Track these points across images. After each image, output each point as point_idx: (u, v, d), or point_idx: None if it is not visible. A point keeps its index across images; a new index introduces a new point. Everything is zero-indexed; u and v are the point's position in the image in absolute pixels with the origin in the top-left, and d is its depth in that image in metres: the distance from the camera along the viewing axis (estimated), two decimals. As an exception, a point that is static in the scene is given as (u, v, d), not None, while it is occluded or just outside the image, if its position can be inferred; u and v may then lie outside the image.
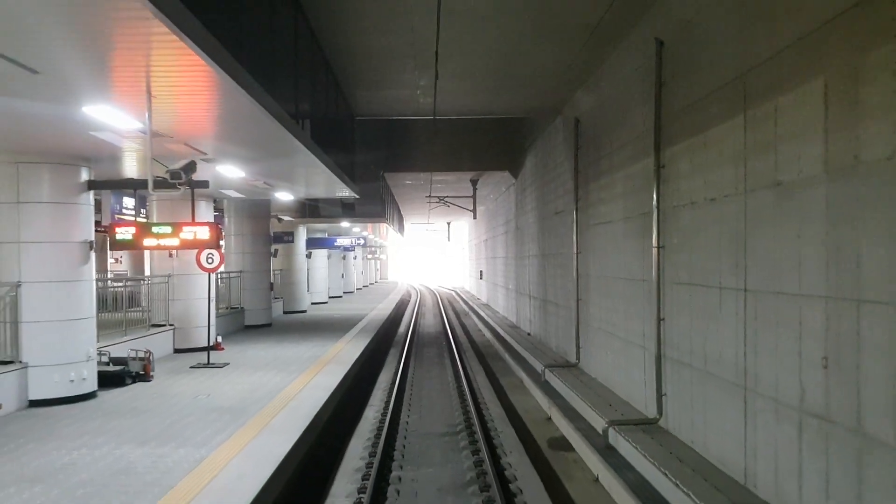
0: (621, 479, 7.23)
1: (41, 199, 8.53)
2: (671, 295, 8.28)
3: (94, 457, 6.46)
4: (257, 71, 6.38)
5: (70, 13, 4.07)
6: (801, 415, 5.46)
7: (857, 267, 4.73)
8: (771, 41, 5.87)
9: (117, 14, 4.08)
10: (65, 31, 4.33)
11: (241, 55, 5.84)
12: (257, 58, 6.66)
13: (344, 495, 6.66)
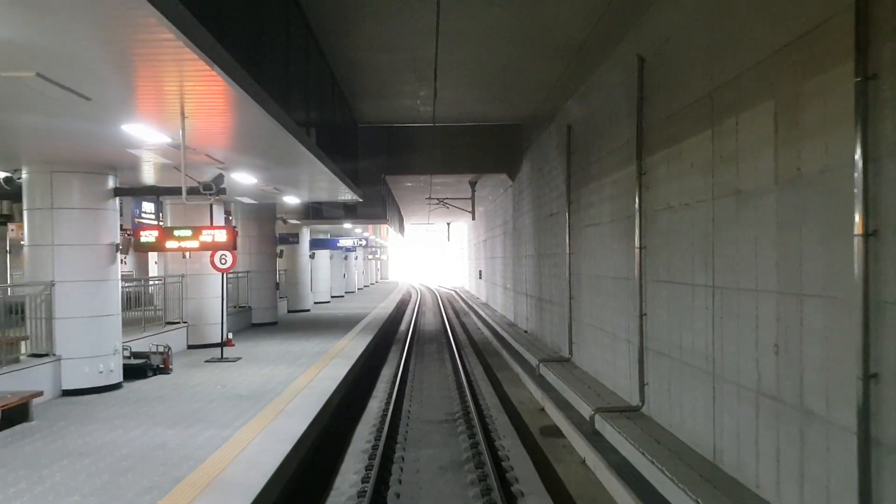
0: (605, 461, 7.95)
1: (72, 206, 9.28)
2: (652, 292, 9.01)
3: (130, 436, 7.21)
4: (273, 87, 7.11)
5: (121, 49, 4.79)
6: (758, 396, 6.19)
7: (800, 265, 5.46)
8: (733, 64, 6.61)
9: (160, 48, 4.80)
10: (116, 64, 5.06)
11: (261, 75, 6.58)
12: (273, 75, 7.39)
13: (353, 472, 7.41)
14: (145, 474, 5.91)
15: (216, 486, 5.54)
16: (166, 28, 4.04)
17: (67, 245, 9.24)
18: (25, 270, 9.56)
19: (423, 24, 8.50)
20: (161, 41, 4.55)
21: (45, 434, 7.34)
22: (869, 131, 4.53)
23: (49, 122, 6.54)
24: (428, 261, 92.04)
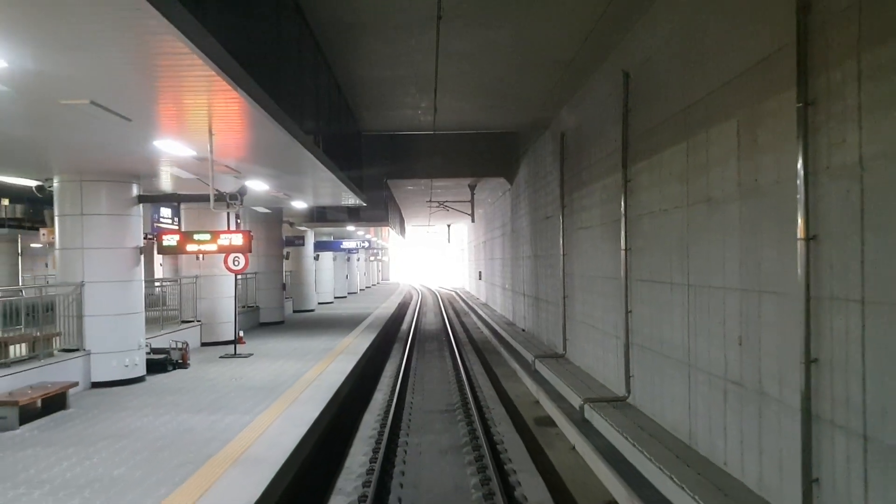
0: (592, 445, 8.67)
1: (100, 212, 10.02)
2: (636, 290, 9.74)
3: (160, 422, 7.95)
4: (288, 104, 7.84)
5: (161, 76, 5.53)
6: (726, 383, 6.92)
7: (759, 265, 6.20)
8: (703, 85, 7.34)
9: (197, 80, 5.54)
10: (155, 90, 5.80)
11: (279, 95, 7.31)
12: (288, 92, 8.11)
13: (361, 454, 8.14)
14: (179, 451, 6.65)
15: (243, 461, 6.28)
16: (211, 68, 4.77)
17: (96, 248, 9.98)
18: (57, 272, 10.30)
19: (424, 44, 9.23)
20: (202, 77, 5.28)
21: (82, 420, 8.08)
22: (809, 149, 5.27)
23: (89, 139, 7.29)
24: (429, 262, 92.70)
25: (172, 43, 4.43)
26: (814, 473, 5.29)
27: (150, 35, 4.29)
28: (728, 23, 6.79)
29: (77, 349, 9.84)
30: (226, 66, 5.27)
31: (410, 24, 8.63)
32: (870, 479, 4.66)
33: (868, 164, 4.65)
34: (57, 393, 8.30)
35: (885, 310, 4.48)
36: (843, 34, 4.88)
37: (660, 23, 8.70)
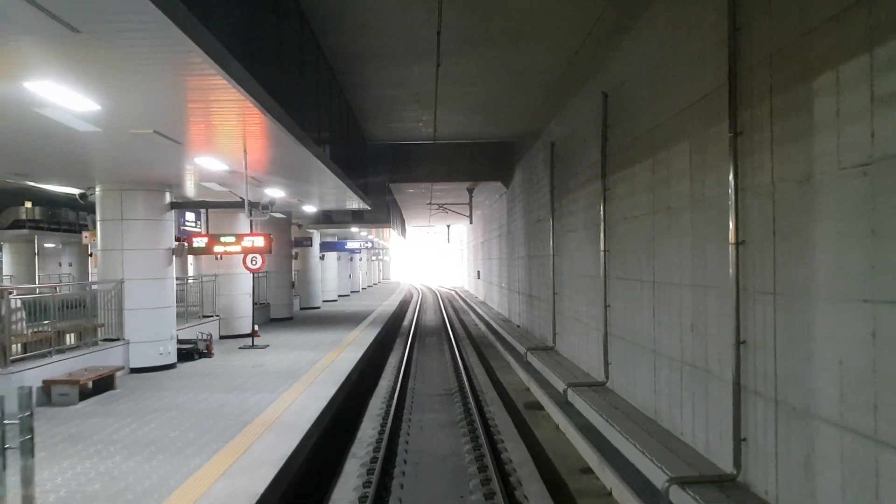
0: (572, 423, 9.90)
1: (137, 217, 11.27)
2: (613, 287, 10.99)
3: (198, 399, 9.21)
4: (306, 122, 9.06)
5: (211, 111, 6.77)
6: (682, 365, 8.16)
7: (705, 265, 7.44)
8: (665, 110, 8.58)
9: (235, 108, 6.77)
10: (205, 121, 7.05)
11: (302, 117, 8.55)
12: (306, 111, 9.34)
13: (371, 428, 9.40)
14: (220, 420, 7.91)
15: (275, 426, 7.53)
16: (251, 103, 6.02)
17: (134, 250, 11.23)
18: (98, 271, 11.55)
19: (425, 70, 10.47)
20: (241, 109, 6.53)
21: (130, 398, 9.34)
22: (738, 171, 6.51)
23: (145, 157, 8.52)
24: (429, 261, 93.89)
25: (227, 88, 5.67)
26: (742, 434, 6.54)
27: (209, 82, 5.51)
28: (682, 61, 8.04)
29: (118, 339, 11.08)
30: (263, 101, 6.51)
31: (412, 54, 9.87)
32: (779, 432, 5.91)
33: (777, 184, 5.90)
34: (107, 375, 9.55)
35: (788, 300, 5.73)
36: (760, 81, 6.14)
37: (631, 54, 9.94)
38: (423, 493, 6.93)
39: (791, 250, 5.71)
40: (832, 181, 5.10)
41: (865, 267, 4.71)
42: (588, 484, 7.99)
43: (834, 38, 5.06)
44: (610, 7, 8.35)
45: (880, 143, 4.57)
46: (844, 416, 4.96)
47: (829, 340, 5.17)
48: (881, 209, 4.56)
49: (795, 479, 5.64)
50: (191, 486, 5.58)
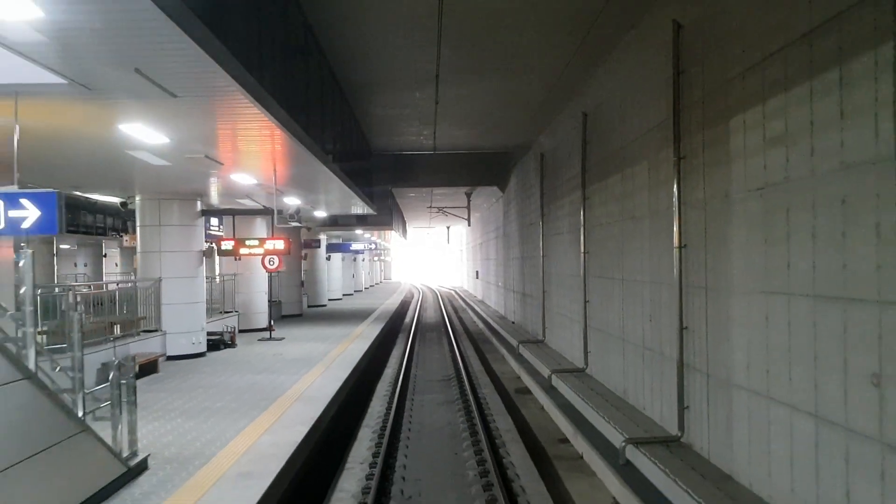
0: (554, 402, 11.39)
1: (173, 223, 12.79)
2: (592, 285, 12.48)
3: (232, 379, 10.74)
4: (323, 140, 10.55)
5: (250, 139, 8.27)
6: (643, 350, 9.66)
7: (659, 264, 8.94)
8: (630, 132, 10.08)
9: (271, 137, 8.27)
10: (245, 144, 8.55)
11: (324, 139, 10.05)
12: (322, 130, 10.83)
13: (379, 405, 10.91)
14: (255, 394, 9.43)
15: (302, 398, 9.04)
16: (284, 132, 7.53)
17: (170, 251, 12.76)
18: (138, 270, 13.07)
19: (426, 93, 11.98)
20: (273, 137, 8.04)
21: (173, 379, 10.86)
22: (681, 188, 8.01)
23: (181, 173, 10.05)
24: (429, 262, 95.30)
25: (269, 123, 7.17)
26: (686, 403, 8.04)
27: (254, 119, 7.00)
28: (642, 93, 9.55)
29: (156, 330, 12.59)
30: (294, 131, 8.02)
31: (414, 83, 11.37)
32: (710, 399, 7.41)
33: (707, 200, 7.40)
34: (152, 360, 11.07)
35: (715, 293, 7.23)
36: (695, 117, 7.64)
37: (606, 82, 11.45)
38: (424, 450, 8.43)
39: (716, 253, 7.22)
40: (741, 200, 6.61)
41: (761, 267, 6.22)
42: (563, 450, 9.48)
43: (742, 90, 6.57)
44: (583, 45, 9.85)
45: (770, 172, 6.08)
46: (750, 382, 6.47)
47: (740, 324, 6.68)
48: (770, 223, 6.08)
49: (720, 435, 7.15)
50: (243, 438, 7.09)
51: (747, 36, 6.47)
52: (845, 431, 5.01)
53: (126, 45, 4.34)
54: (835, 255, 5.13)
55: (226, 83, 5.15)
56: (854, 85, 4.90)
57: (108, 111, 6.07)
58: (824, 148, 5.26)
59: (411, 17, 8.25)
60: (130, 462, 5.78)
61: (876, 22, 4.65)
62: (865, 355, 4.79)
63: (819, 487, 5.35)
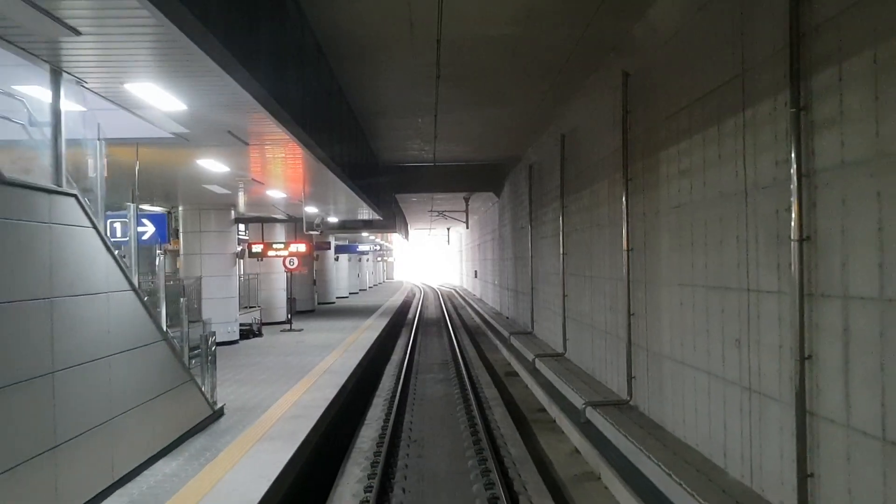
0: (536, 381, 13.52)
1: (211, 230, 14.96)
2: (569, 281, 14.63)
3: (267, 360, 12.90)
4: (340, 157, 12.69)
5: (285, 164, 10.41)
6: (605, 334, 11.80)
7: (615, 264, 11.08)
8: (596, 155, 12.21)
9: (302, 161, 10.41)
10: (280, 168, 10.70)
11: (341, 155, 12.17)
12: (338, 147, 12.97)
13: (388, 383, 13.08)
14: (289, 369, 11.61)
15: (328, 372, 11.19)
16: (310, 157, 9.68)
17: (209, 254, 14.94)
18: (181, 270, 15.26)
19: (427, 119, 14.14)
20: (302, 161, 10.19)
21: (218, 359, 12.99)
22: (629, 204, 10.15)
23: (225, 189, 12.22)
24: (430, 262, 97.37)
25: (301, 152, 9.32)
26: (633, 373, 10.16)
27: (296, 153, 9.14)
28: (602, 123, 11.70)
29: (198, 320, 14.75)
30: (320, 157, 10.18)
31: (416, 111, 13.53)
32: (649, 369, 9.55)
33: (646, 214, 9.54)
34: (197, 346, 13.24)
35: (651, 286, 9.37)
36: (638, 148, 9.78)
37: (578, 110, 13.58)
38: (426, 412, 10.59)
39: (651, 255, 9.37)
40: (665, 215, 8.75)
41: (676, 265, 8.36)
42: (540, 416, 11.62)
43: (665, 132, 8.71)
44: (555, 84, 12.00)
45: (681, 196, 8.22)
46: (672, 352, 8.61)
47: (666, 309, 8.82)
48: (681, 233, 8.21)
49: (654, 395, 9.29)
50: (288, 397, 9.24)
51: (669, 91, 8.61)
52: (723, 381, 7.15)
53: (231, 118, 6.46)
54: (716, 256, 7.28)
55: (285, 135, 7.26)
56: (726, 138, 7.04)
57: (193, 153, 8.21)
58: (710, 181, 7.41)
59: (415, 68, 10.40)
60: (214, 407, 7.91)
61: (743, 97, 6.78)
62: (733, 326, 6.93)
63: (710, 425, 7.50)
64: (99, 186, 5.57)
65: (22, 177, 4.45)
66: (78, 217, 4.98)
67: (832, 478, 5.29)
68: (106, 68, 4.96)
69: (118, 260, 5.47)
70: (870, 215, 4.81)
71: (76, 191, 4.99)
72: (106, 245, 5.33)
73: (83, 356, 5.07)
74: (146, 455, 6.19)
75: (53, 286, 4.66)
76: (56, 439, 4.67)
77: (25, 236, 4.40)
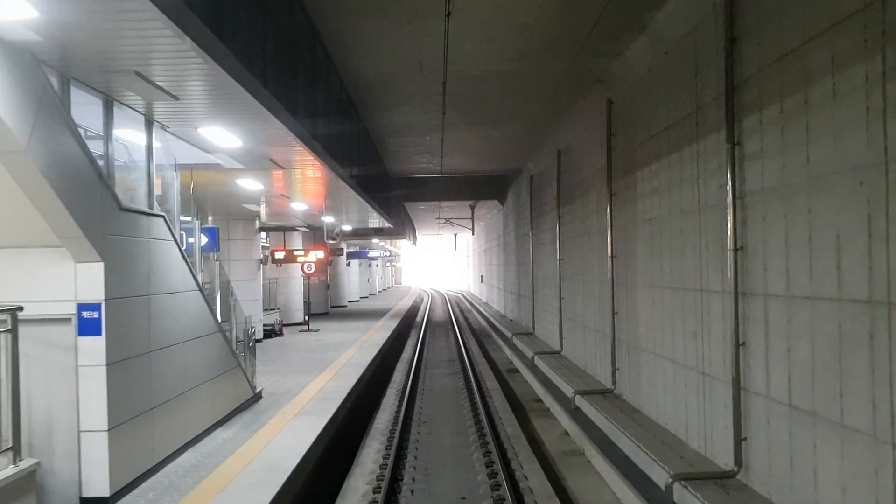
0: (535, 376, 14.90)
1: (238, 238, 16.42)
2: (564, 285, 16.00)
3: (291, 356, 14.32)
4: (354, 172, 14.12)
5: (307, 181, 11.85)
6: (595, 332, 13.16)
7: (602, 268, 12.44)
8: (585, 170, 13.61)
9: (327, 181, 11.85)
10: (308, 185, 12.15)
11: (361, 177, 13.62)
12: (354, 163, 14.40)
13: (400, 376, 14.47)
14: (313, 363, 13.01)
15: (347, 365, 12.60)
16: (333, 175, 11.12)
17: (236, 260, 16.40)
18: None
19: (435, 136, 15.58)
20: (333, 181, 11.64)
21: (246, 356, 14.49)
22: (612, 215, 11.51)
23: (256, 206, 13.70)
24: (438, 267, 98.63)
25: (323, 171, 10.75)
26: (616, 366, 11.53)
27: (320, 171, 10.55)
28: (591, 143, 13.09)
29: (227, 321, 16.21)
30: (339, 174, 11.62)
31: (425, 131, 14.97)
32: (629, 361, 10.90)
33: (626, 224, 10.92)
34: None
35: (630, 288, 10.74)
36: (620, 167, 11.16)
37: (571, 128, 14.97)
38: (434, 400, 11.97)
39: (630, 261, 10.74)
40: (641, 226, 10.13)
41: (649, 270, 9.74)
42: (536, 405, 12.98)
43: (641, 154, 10.09)
44: (549, 108, 13.41)
45: (652, 210, 9.60)
46: (647, 346, 9.97)
47: (641, 308, 10.18)
48: (653, 242, 9.59)
49: (633, 383, 10.64)
50: (314, 384, 10.65)
51: (644, 120, 9.99)
52: (683, 368, 8.51)
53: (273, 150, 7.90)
54: (678, 262, 8.65)
55: (315, 161, 8.70)
56: (685, 163, 8.42)
57: (236, 175, 9.67)
58: (674, 199, 8.79)
59: (425, 98, 11.84)
60: (255, 391, 9.33)
61: (697, 130, 8.15)
62: (690, 321, 8.29)
63: (675, 405, 8.85)
64: (175, 207, 7.01)
65: (129, 204, 5.88)
66: (165, 233, 6.41)
67: (758, 439, 6.64)
68: (187, 118, 6.39)
69: (189, 265, 6.89)
70: (780, 230, 6.19)
71: (163, 212, 6.42)
72: (182, 254, 6.76)
73: (169, 341, 6.49)
74: (208, 424, 7.60)
75: (150, 286, 6.08)
76: (153, 403, 6.08)
77: (135, 248, 5.84)
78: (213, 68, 4.89)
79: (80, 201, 4.95)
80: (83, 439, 5.31)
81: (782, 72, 6.13)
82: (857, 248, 5.05)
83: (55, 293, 5.19)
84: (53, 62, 4.86)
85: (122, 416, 5.54)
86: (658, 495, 7.14)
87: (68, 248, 5.10)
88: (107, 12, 3.95)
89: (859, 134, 5.01)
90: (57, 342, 5.23)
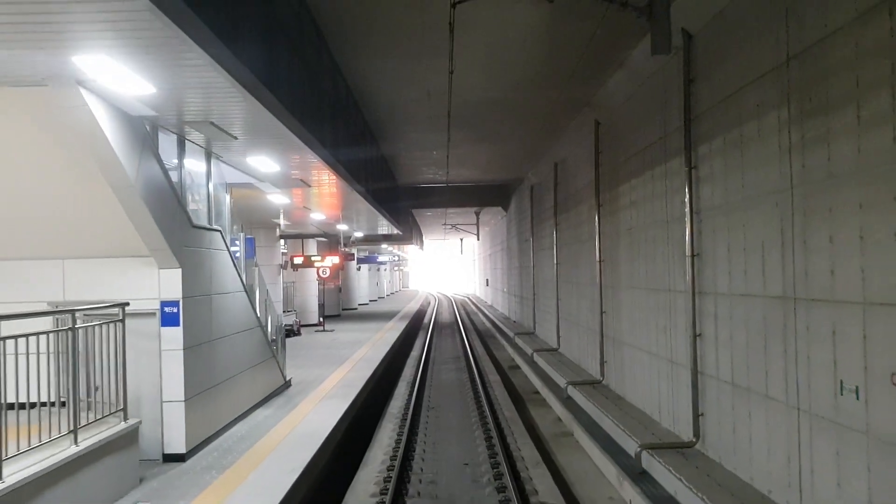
0: (533, 371, 16.25)
1: (260, 244, 17.83)
2: (561, 287, 17.36)
3: (310, 353, 15.72)
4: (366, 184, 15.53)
5: (331, 192, 13.28)
6: (587, 330, 14.51)
7: (592, 272, 13.82)
8: (580, 182, 14.99)
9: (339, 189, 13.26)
10: (325, 197, 13.57)
11: (374, 186, 15.04)
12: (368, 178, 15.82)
13: (410, 371, 15.86)
14: (331, 358, 14.41)
15: (362, 360, 14.00)
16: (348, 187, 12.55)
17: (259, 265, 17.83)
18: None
19: (441, 151, 17.01)
20: (350, 193, 13.06)
21: (270, 352, 15.94)
22: (600, 225, 12.88)
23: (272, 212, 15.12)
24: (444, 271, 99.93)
25: (340, 185, 12.16)
26: (605, 359, 12.89)
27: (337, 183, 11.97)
28: (583, 158, 14.47)
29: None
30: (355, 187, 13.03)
31: (431, 147, 16.40)
32: (615, 355, 12.25)
33: (611, 232, 12.29)
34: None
35: (614, 289, 12.10)
36: (607, 180, 12.54)
37: (565, 144, 16.35)
38: (441, 391, 13.35)
39: (615, 265, 12.11)
40: (623, 235, 11.50)
41: (629, 273, 11.10)
42: (534, 397, 14.34)
43: (623, 170, 11.46)
44: (544, 126, 14.83)
45: (631, 221, 10.97)
46: (629, 340, 11.32)
47: (624, 306, 11.54)
48: (632, 249, 10.96)
49: (618, 374, 11.99)
50: (335, 375, 12.05)
51: (626, 141, 11.35)
52: (657, 358, 9.87)
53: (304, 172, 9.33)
54: (652, 266, 10.02)
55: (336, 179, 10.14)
56: (656, 181, 9.79)
57: (267, 191, 11.13)
58: (648, 211, 10.16)
59: (431, 119, 13.28)
60: (285, 379, 10.74)
61: (665, 153, 9.52)
62: (662, 317, 9.65)
63: (650, 391, 10.20)
64: (227, 222, 8.43)
65: (196, 221, 7.31)
66: (221, 243, 7.83)
67: (711, 414, 7.99)
68: (239, 150, 7.82)
69: (238, 270, 8.31)
70: (724, 240, 7.56)
71: (219, 227, 7.85)
72: (233, 260, 8.17)
73: (224, 332, 7.91)
74: (250, 404, 9.02)
75: (212, 287, 7.50)
76: (214, 381, 7.49)
77: (201, 257, 7.27)
78: (267, 116, 6.31)
79: (165, 221, 6.36)
80: (165, 408, 6.73)
81: (725, 111, 7.51)
82: (774, 255, 6.42)
83: (144, 293, 6.61)
84: (152, 117, 6.30)
85: (194, 390, 6.96)
86: (630, 463, 8.49)
87: (154, 258, 6.52)
88: (202, 87, 5.38)
89: (774, 165, 6.39)
90: (145, 331, 6.64)
